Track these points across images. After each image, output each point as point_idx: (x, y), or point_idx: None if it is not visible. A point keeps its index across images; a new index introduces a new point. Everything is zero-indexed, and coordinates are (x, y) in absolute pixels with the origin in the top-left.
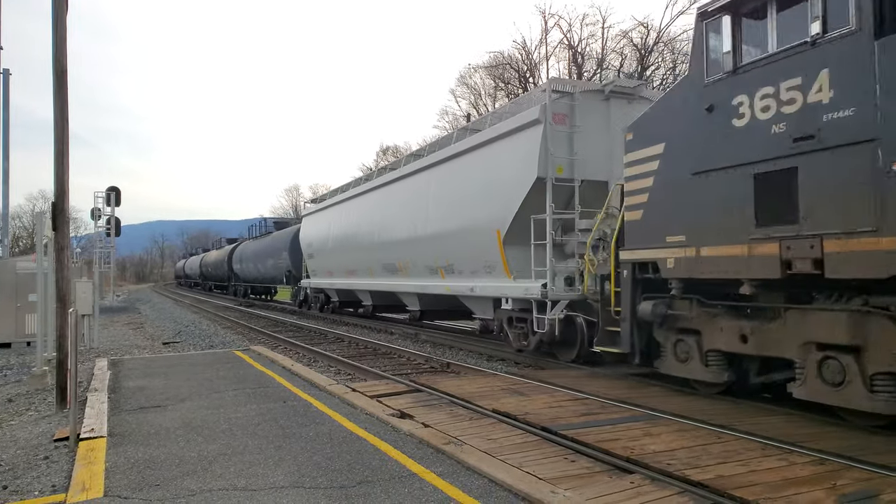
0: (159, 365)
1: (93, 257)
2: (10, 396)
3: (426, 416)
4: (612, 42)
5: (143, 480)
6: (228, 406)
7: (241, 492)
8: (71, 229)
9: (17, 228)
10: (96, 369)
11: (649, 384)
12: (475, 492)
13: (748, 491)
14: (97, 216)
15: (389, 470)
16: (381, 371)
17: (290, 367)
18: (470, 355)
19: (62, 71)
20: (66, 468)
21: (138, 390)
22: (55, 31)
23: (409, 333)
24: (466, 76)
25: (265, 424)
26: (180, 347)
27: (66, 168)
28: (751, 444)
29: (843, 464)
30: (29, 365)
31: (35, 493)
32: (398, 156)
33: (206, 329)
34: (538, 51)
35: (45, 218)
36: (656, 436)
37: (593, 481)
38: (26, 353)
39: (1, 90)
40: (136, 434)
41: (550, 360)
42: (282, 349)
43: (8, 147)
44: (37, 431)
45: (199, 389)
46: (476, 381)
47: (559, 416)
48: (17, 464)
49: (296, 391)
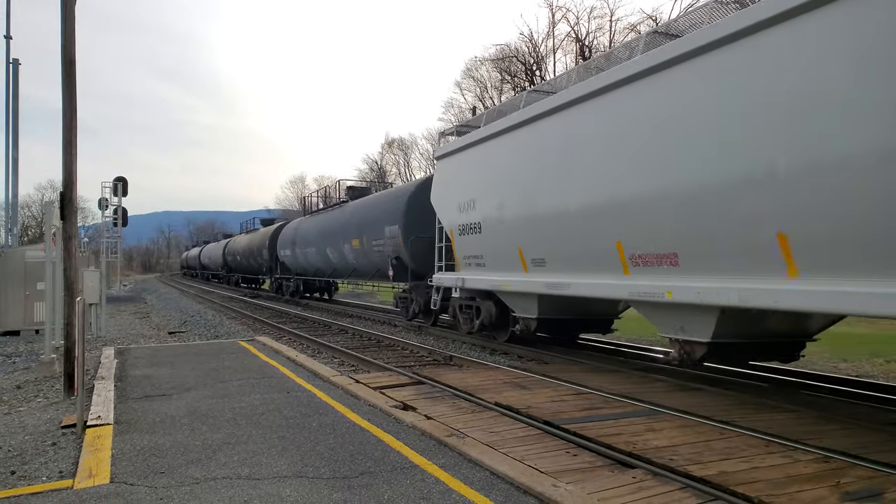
0: (165, 354)
1: (100, 247)
2: (18, 383)
3: (429, 409)
4: (620, 35)
5: (148, 468)
6: (233, 396)
7: (244, 480)
8: (79, 219)
9: (26, 218)
10: (103, 358)
11: (653, 379)
12: (477, 484)
13: (751, 487)
14: (104, 206)
15: (392, 461)
16: (385, 363)
17: (295, 358)
18: (473, 348)
19: (70, 60)
20: (73, 455)
21: (144, 379)
22: (64, 20)
23: (413, 326)
24: (472, 69)
25: (269, 414)
26: (186, 337)
27: (74, 158)
28: (754, 441)
29: (847, 461)
30: (37, 352)
31: (43, 478)
32: (404, 148)
33: (211, 319)
34: (545, 43)
35: (54, 207)
36: (659, 431)
37: (595, 475)
38: (35, 340)
39: (10, 80)
40: (142, 422)
41: (545, 353)
42: (286, 340)
43: (17, 136)
44: (45, 418)
45: (204, 379)
46: (479, 375)
47: (562, 410)
48: (25, 449)
49: (300, 382)
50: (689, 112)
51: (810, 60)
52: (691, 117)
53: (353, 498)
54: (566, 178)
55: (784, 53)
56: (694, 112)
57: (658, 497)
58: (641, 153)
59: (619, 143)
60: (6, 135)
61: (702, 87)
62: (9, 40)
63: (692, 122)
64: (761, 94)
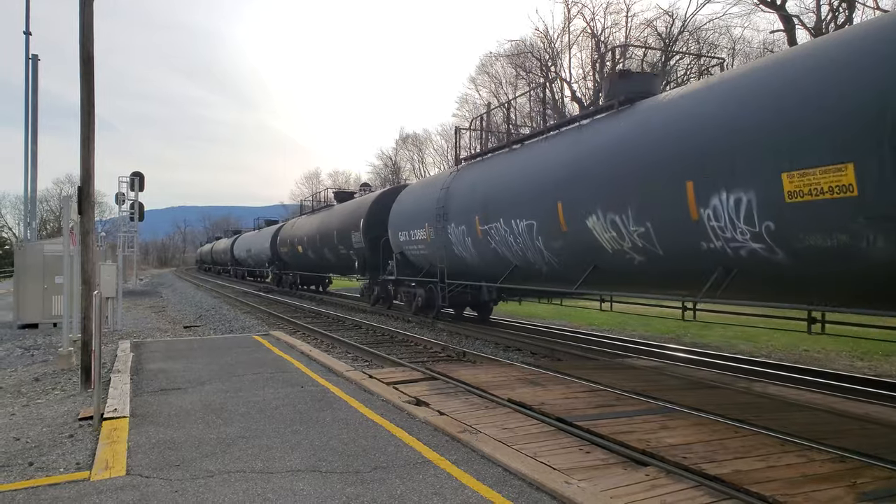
0: (180, 348)
1: (117, 241)
2: (37, 376)
3: (442, 404)
4: (636, 31)
5: (163, 460)
6: (247, 390)
7: (258, 474)
8: (96, 213)
9: (45, 212)
10: (119, 351)
11: (667, 376)
12: (489, 480)
13: (765, 487)
14: (121, 201)
15: (404, 456)
16: (398, 358)
17: (309, 353)
18: (486, 345)
19: (89, 57)
20: (89, 447)
21: (160, 372)
22: (82, 16)
23: (426, 322)
24: (487, 64)
25: (283, 409)
26: (201, 331)
27: (92, 153)
28: (769, 440)
29: (864, 462)
30: (55, 345)
31: (60, 470)
32: (418, 144)
33: (226, 314)
34: (560, 39)
35: (72, 202)
36: (673, 429)
37: (608, 473)
38: (53, 333)
39: (30, 76)
40: (158, 415)
41: (559, 349)
42: (300, 335)
43: (36, 132)
44: (62, 410)
45: (218, 373)
46: (492, 371)
47: (575, 407)
48: (43, 441)
49: (313, 376)
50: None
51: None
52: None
53: (365, 493)
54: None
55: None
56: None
57: (671, 495)
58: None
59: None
60: (25, 130)
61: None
62: (28, 36)
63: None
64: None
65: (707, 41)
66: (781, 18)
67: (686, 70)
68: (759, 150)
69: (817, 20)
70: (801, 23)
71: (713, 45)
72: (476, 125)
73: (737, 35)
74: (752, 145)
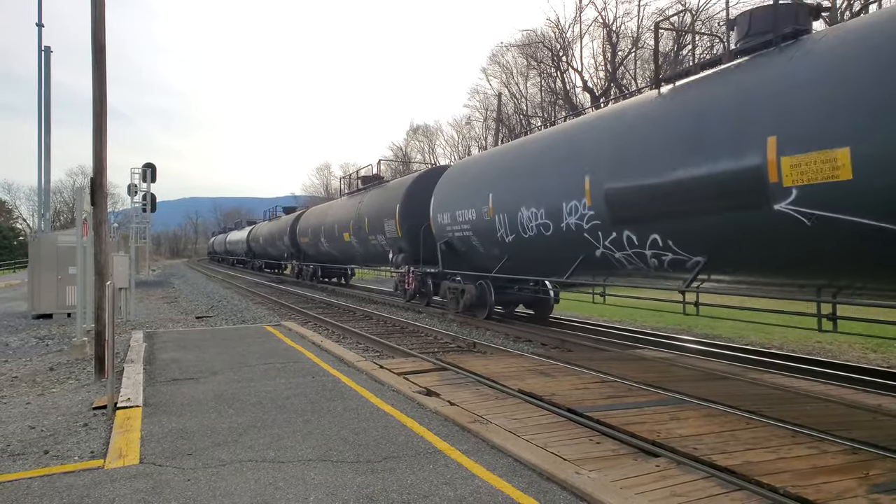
0: (192, 338)
1: (129, 232)
2: (51, 365)
3: (452, 395)
4: (648, 20)
5: (176, 449)
6: (258, 380)
7: (269, 463)
8: (109, 204)
9: (58, 203)
10: (132, 341)
11: (678, 368)
12: (499, 470)
13: (776, 478)
14: (134, 192)
15: (415, 446)
16: (409, 349)
17: (320, 343)
18: (496, 335)
19: (101, 48)
20: (103, 435)
21: (172, 362)
22: (94, 8)
23: (437, 313)
24: (498, 55)
25: (294, 398)
26: (213, 322)
27: (105, 144)
28: (781, 431)
29: (876, 453)
30: (69, 335)
31: (75, 458)
32: (428, 135)
33: (237, 304)
34: (572, 29)
35: (84, 193)
36: (683, 420)
37: (618, 463)
38: (67, 323)
39: (43, 67)
40: (170, 405)
41: (569, 340)
42: (312, 325)
43: (49, 123)
44: (76, 399)
45: (230, 363)
46: (502, 361)
47: (585, 397)
48: (58, 430)
49: (325, 366)
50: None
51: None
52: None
53: (376, 482)
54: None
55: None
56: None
57: (681, 486)
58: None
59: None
60: (38, 122)
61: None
62: (41, 28)
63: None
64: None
65: (720, 31)
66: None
67: (698, 60)
68: (360, 220)
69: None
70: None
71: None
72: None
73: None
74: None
